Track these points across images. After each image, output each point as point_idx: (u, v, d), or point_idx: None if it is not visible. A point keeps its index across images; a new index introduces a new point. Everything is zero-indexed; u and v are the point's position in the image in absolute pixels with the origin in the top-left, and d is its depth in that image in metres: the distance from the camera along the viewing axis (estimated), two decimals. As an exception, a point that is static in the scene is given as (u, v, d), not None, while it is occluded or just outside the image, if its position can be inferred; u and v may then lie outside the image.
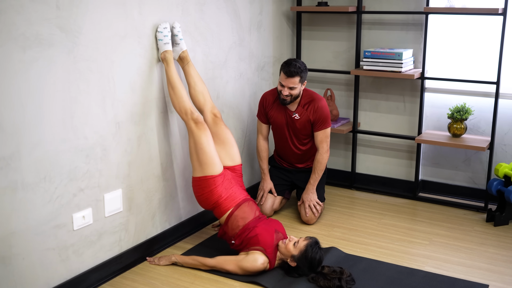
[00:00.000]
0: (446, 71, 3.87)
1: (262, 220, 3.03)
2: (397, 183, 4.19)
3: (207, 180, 2.96)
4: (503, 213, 3.54)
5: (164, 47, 2.97)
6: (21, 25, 2.29)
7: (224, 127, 3.17)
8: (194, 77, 3.12)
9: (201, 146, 2.94)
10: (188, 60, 3.09)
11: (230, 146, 3.15)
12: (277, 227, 3.02)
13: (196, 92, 3.13)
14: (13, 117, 2.31)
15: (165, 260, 3.04)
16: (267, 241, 2.90)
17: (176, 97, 2.98)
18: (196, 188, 3.02)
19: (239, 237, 2.95)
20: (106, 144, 2.78)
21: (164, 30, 2.96)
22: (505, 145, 3.78)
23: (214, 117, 3.15)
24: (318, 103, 3.52)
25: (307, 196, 3.61)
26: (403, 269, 3.00)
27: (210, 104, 3.16)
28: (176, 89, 2.97)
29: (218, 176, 2.97)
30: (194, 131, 2.95)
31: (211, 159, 2.95)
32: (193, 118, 2.96)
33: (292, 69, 3.36)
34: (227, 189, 3.01)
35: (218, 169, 2.97)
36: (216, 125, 3.14)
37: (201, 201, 3.04)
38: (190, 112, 2.97)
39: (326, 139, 3.57)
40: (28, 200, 2.42)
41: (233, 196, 3.02)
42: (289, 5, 4.24)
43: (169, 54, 2.98)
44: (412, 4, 3.87)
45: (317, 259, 2.83)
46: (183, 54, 3.08)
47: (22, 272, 2.44)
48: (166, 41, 2.97)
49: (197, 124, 2.95)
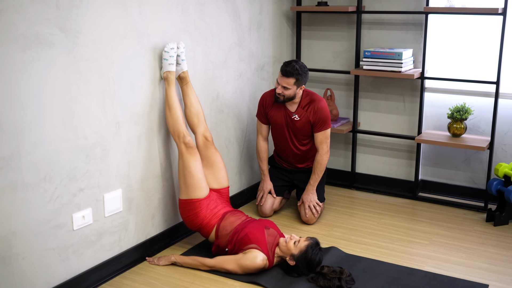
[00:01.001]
0: (446, 71, 3.87)
1: (252, 222, 3.06)
2: (397, 183, 4.19)
3: (192, 203, 3.03)
4: (503, 213, 3.55)
5: (168, 67, 3.02)
6: (21, 25, 2.29)
7: (214, 151, 3.23)
8: (191, 98, 3.18)
9: (189, 169, 3.02)
10: (188, 80, 3.15)
11: (218, 169, 3.22)
12: (267, 224, 3.05)
13: (191, 113, 3.19)
14: (13, 117, 2.31)
15: (164, 260, 3.04)
16: (258, 237, 2.91)
17: (172, 118, 3.04)
18: (182, 210, 3.10)
19: (231, 241, 2.97)
20: (106, 144, 2.78)
21: (171, 50, 3.01)
22: (505, 145, 3.78)
23: (205, 140, 3.22)
24: (318, 104, 3.51)
25: (307, 197, 3.61)
26: (403, 269, 3.00)
27: (203, 127, 3.22)
28: (172, 110, 3.03)
29: (203, 200, 3.05)
30: (184, 154, 3.03)
31: (198, 183, 3.03)
32: (184, 141, 3.03)
33: (288, 69, 3.37)
34: (212, 209, 3.08)
35: (204, 193, 3.06)
36: (206, 148, 3.21)
37: (187, 223, 3.11)
38: (182, 135, 3.03)
39: (326, 140, 3.57)
40: (28, 200, 2.42)
41: (217, 214, 3.08)
42: (289, 5, 4.24)
43: (171, 75, 3.04)
44: (412, 4, 3.87)
45: (316, 260, 2.83)
46: (183, 74, 3.13)
47: (22, 272, 2.44)
48: (171, 61, 3.02)
49: (187, 148, 3.03)
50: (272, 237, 2.96)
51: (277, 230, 3.04)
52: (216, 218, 3.06)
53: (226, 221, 3.05)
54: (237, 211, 3.18)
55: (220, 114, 3.62)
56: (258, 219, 3.13)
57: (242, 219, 3.07)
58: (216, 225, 3.04)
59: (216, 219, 3.06)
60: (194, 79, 3.33)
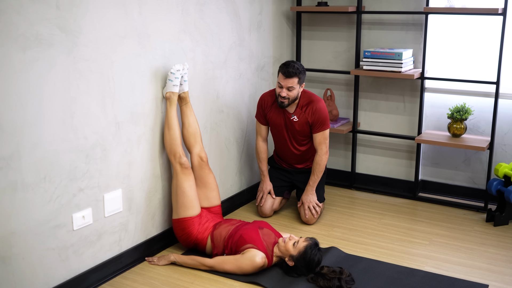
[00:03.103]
0: (446, 71, 3.87)
1: (244, 224, 3.09)
2: (397, 183, 4.19)
3: (185, 222, 3.08)
4: (503, 213, 3.55)
5: (171, 88, 3.07)
6: (21, 25, 2.29)
7: (208, 171, 3.28)
8: (189, 118, 3.21)
9: (182, 189, 3.07)
10: (187, 101, 3.19)
11: (211, 190, 3.27)
12: (261, 224, 3.08)
13: (188, 133, 3.22)
14: (13, 117, 2.31)
15: (164, 260, 3.04)
16: (253, 237, 2.93)
17: (170, 138, 3.08)
18: (175, 230, 3.15)
19: (227, 246, 2.99)
20: (106, 144, 2.78)
21: (177, 72, 3.05)
22: (505, 145, 3.78)
23: (200, 161, 3.25)
24: (317, 105, 3.51)
25: (306, 198, 3.60)
26: (403, 269, 3.00)
27: (199, 147, 3.26)
28: (171, 131, 3.07)
29: (195, 217, 3.10)
30: (178, 174, 3.08)
31: (190, 202, 3.09)
32: (180, 162, 3.08)
33: (290, 69, 3.37)
34: (203, 224, 3.12)
35: (195, 211, 3.11)
36: (201, 168, 3.25)
37: (182, 241, 3.15)
38: (179, 156, 3.08)
39: (324, 140, 3.56)
40: (28, 200, 2.42)
41: (209, 227, 3.12)
42: (289, 5, 4.24)
43: (174, 96, 3.08)
44: (412, 4, 3.87)
45: (315, 261, 2.83)
46: (183, 94, 3.17)
47: (22, 272, 2.44)
48: (175, 83, 3.06)
49: (183, 168, 3.08)
50: (267, 236, 2.97)
51: (272, 230, 3.05)
52: (208, 230, 3.10)
53: (219, 228, 3.09)
54: (228, 219, 3.23)
55: (220, 114, 3.62)
56: (252, 222, 3.16)
57: (235, 224, 3.11)
58: (210, 235, 3.08)
59: (209, 231, 3.10)
60: (194, 80, 3.33)
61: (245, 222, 3.15)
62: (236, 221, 3.16)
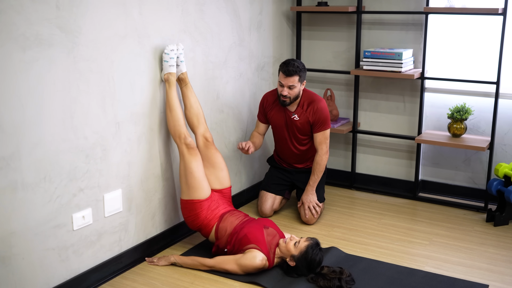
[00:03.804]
0: (446, 71, 3.87)
1: (250, 221, 3.06)
2: (397, 183, 4.19)
3: (194, 204, 3.04)
4: (503, 213, 3.55)
5: (168, 69, 3.03)
6: (21, 25, 2.29)
7: (214, 151, 3.24)
8: (191, 99, 3.18)
9: (190, 170, 3.02)
10: (187, 82, 3.16)
11: (220, 169, 3.23)
12: (266, 223, 3.05)
13: (191, 114, 3.20)
14: (13, 117, 2.31)
15: (164, 260, 3.04)
16: (258, 237, 2.91)
17: (173, 120, 3.05)
18: (183, 210, 3.11)
19: (230, 242, 2.98)
20: (106, 144, 2.78)
21: (171, 52, 3.02)
22: (505, 145, 3.78)
23: (206, 141, 3.22)
24: (318, 104, 3.51)
25: (306, 198, 3.60)
26: (403, 269, 3.00)
27: (203, 127, 3.23)
28: (173, 112, 3.04)
29: (205, 201, 3.06)
30: (185, 155, 3.03)
31: (199, 183, 3.04)
32: (185, 143, 3.04)
33: (290, 68, 3.37)
34: (213, 210, 3.09)
35: (205, 194, 3.06)
36: (207, 148, 3.21)
37: (188, 223, 3.13)
38: (183, 136, 3.04)
39: (325, 140, 3.56)
40: (28, 200, 2.42)
41: (217, 215, 3.09)
42: (289, 5, 4.24)
43: (172, 77, 3.05)
44: (412, 4, 3.87)
45: (316, 261, 2.83)
46: (182, 75, 3.14)
47: (22, 272, 2.44)
48: (171, 63, 3.03)
49: (189, 149, 3.04)
50: (272, 236, 2.96)
51: (276, 229, 3.04)
52: (215, 219, 3.07)
53: (225, 222, 3.05)
54: (236, 211, 3.18)
55: (220, 114, 3.62)
56: (258, 219, 3.13)
57: (241, 219, 3.07)
58: (215, 226, 3.04)
59: (215, 220, 3.06)
60: (194, 79, 3.33)
61: (251, 219, 3.11)
62: (243, 216, 3.13)
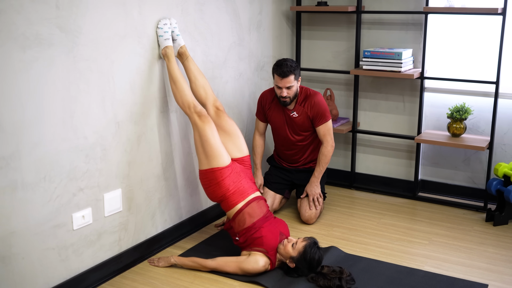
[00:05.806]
0: (446, 71, 3.87)
1: (269, 220, 3.01)
2: (397, 182, 4.19)
3: (213, 172, 2.93)
4: (502, 212, 3.55)
5: (164, 43, 2.98)
6: (21, 25, 2.29)
7: (228, 119, 3.14)
8: (194, 72, 3.12)
9: (206, 138, 2.92)
10: (187, 55, 3.10)
11: (236, 137, 3.12)
12: (282, 228, 3.01)
13: (197, 87, 3.14)
14: (13, 117, 2.31)
15: (164, 262, 3.02)
16: (271, 244, 2.89)
17: (179, 92, 2.98)
18: (203, 181, 3.01)
19: (244, 235, 2.94)
20: (105, 144, 2.78)
21: (164, 26, 2.97)
22: (505, 145, 3.78)
23: (217, 110, 3.14)
24: (314, 98, 3.52)
25: (311, 189, 3.60)
26: (403, 268, 3.00)
27: (212, 98, 3.16)
28: (178, 84, 2.98)
29: (225, 168, 2.94)
30: (198, 124, 2.94)
31: (217, 151, 2.93)
32: (196, 111, 2.96)
33: (284, 69, 3.37)
34: (235, 182, 2.97)
35: (226, 161, 2.95)
36: (219, 117, 3.13)
37: (209, 194, 3.02)
38: (193, 105, 2.97)
39: (328, 131, 3.56)
40: (28, 199, 2.42)
41: (242, 191, 2.98)
42: (289, 5, 4.24)
43: (170, 50, 2.99)
44: (412, 4, 3.87)
45: (316, 260, 2.83)
46: (181, 49, 3.08)
47: (22, 272, 2.44)
48: (166, 37, 2.98)
49: (200, 117, 2.94)
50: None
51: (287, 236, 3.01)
52: (241, 197, 2.96)
53: (249, 208, 2.94)
54: (262, 199, 3.07)
55: (220, 114, 3.62)
56: (275, 219, 3.06)
57: (263, 214, 2.98)
58: (240, 208, 2.94)
59: (241, 199, 2.95)
60: (194, 79, 3.33)
61: (271, 219, 3.02)
62: (265, 208, 3.03)
